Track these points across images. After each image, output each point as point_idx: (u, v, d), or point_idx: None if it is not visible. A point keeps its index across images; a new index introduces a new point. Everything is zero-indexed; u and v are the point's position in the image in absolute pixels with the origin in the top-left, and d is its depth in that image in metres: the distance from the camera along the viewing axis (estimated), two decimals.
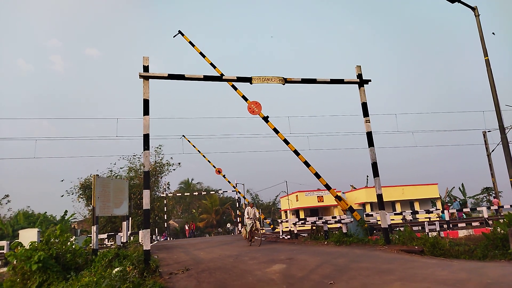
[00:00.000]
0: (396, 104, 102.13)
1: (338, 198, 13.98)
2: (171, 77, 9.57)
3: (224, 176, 26.83)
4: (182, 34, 18.73)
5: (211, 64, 17.53)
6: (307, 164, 13.97)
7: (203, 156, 26.43)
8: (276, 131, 14.64)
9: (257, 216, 13.66)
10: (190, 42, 18.31)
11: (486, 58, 15.68)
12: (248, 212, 13.69)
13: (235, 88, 16.01)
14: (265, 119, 14.67)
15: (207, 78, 9.91)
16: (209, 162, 26.47)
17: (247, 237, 13.68)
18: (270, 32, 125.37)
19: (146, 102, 8.92)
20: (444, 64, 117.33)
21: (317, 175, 13.88)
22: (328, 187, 14.33)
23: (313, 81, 10.74)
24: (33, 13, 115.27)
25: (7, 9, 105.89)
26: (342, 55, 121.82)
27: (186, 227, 37.08)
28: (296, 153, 14.23)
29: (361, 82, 11.08)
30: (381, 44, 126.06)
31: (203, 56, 17.90)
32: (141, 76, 9.09)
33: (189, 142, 26.54)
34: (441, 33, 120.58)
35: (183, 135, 26.57)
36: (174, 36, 19.05)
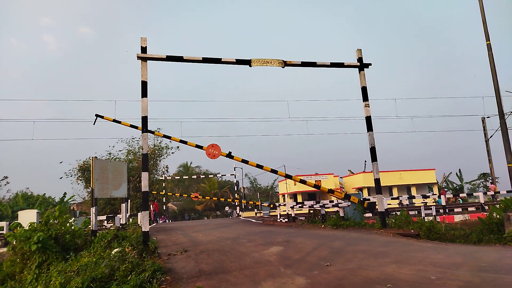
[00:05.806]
0: (395, 90, 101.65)
1: (331, 191, 14.00)
2: (169, 58, 9.44)
3: (199, 198, 30.61)
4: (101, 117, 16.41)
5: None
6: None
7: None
8: (245, 161, 14.24)
9: None
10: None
11: (488, 42, 15.53)
12: None
13: (185, 142, 15.16)
14: (229, 155, 14.15)
15: (206, 60, 9.77)
16: (187, 194, 30.38)
17: None
18: (268, 20, 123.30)
19: (144, 84, 8.82)
20: (445, 50, 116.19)
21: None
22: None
23: (313, 64, 10.63)
24: None
25: None
26: (341, 37, 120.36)
27: (152, 208, 26.12)
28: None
29: (361, 66, 10.97)
30: (381, 27, 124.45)
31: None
32: (139, 58, 8.96)
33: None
34: (443, 18, 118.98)
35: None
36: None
